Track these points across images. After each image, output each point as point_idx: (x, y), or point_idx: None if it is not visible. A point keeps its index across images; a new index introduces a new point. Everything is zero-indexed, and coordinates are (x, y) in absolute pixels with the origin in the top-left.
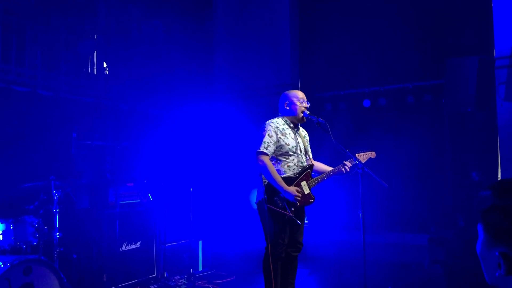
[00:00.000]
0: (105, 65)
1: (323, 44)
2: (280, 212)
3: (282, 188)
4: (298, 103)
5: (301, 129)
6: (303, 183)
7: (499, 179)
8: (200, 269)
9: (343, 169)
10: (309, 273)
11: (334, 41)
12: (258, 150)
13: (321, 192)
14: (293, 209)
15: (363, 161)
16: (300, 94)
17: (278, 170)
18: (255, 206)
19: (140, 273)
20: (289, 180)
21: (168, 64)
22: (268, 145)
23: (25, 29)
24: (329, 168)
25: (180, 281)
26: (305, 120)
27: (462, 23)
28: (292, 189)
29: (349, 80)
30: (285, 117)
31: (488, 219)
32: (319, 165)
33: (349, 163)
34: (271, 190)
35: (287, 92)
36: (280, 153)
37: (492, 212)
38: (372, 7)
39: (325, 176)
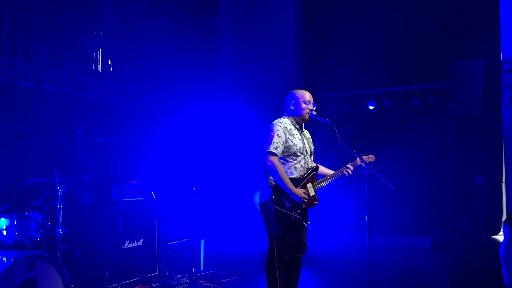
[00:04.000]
0: (109, 62)
1: (329, 45)
2: (287, 213)
3: (290, 190)
4: (303, 105)
5: (305, 130)
6: (309, 185)
7: (503, 183)
8: (202, 268)
9: (345, 172)
10: (312, 274)
11: (340, 42)
12: (267, 151)
13: (325, 193)
14: (299, 211)
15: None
16: (307, 96)
17: (285, 171)
18: (258, 207)
19: (142, 271)
20: (296, 182)
21: (172, 62)
22: (277, 145)
23: (31, 25)
24: (330, 172)
25: (182, 279)
26: (310, 119)
27: (469, 27)
28: (299, 191)
29: (354, 82)
30: (290, 117)
31: None
32: (321, 169)
33: (352, 166)
34: (278, 191)
35: (294, 91)
36: (288, 154)
37: None
38: (378, 9)
39: (329, 178)
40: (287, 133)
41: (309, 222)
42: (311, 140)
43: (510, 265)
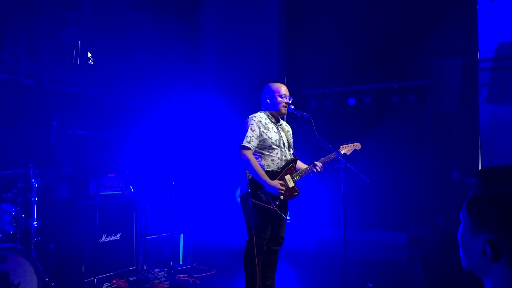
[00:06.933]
0: (89, 55)
1: (310, 42)
2: (265, 206)
3: (265, 182)
4: (279, 99)
5: (284, 123)
6: (287, 177)
7: None
8: (181, 262)
9: (314, 170)
10: (291, 269)
11: (321, 40)
12: (241, 145)
13: (303, 188)
14: (277, 202)
15: (348, 153)
16: (282, 89)
17: (262, 165)
18: (238, 200)
19: (119, 265)
20: (272, 174)
21: (154, 57)
22: (251, 139)
23: (8, 16)
24: (304, 166)
25: (160, 274)
26: (285, 113)
27: (447, 25)
28: (275, 182)
29: (335, 78)
30: (267, 111)
31: (476, 207)
32: (298, 163)
33: (320, 163)
34: (255, 184)
35: (270, 84)
36: (264, 147)
37: (480, 201)
38: (359, 7)
39: (304, 173)
40: (261, 127)
41: (289, 218)
42: (290, 132)
43: (468, 250)
